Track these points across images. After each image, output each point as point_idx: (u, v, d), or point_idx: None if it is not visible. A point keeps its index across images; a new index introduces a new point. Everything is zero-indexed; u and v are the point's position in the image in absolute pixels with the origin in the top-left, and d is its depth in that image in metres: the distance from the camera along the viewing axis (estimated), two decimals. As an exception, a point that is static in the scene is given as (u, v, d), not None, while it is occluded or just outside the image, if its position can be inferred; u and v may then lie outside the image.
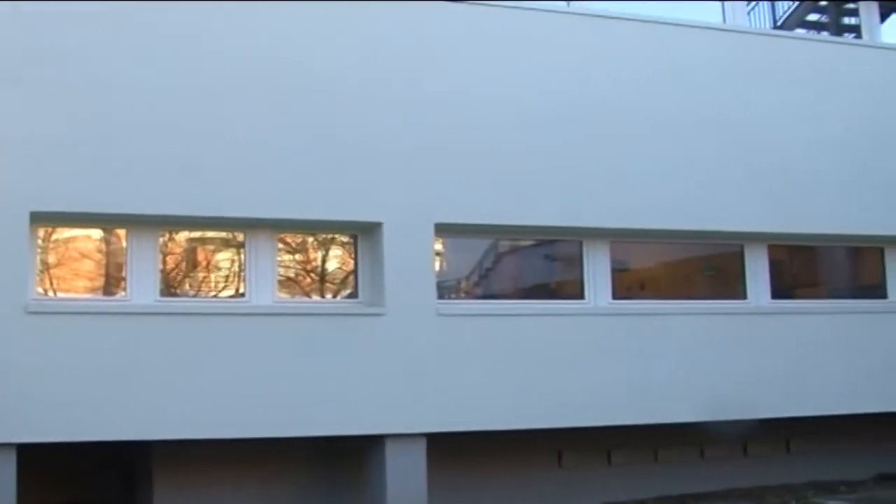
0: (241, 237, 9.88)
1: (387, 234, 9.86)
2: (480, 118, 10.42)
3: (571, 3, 11.64)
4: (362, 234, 10.12)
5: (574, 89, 10.90)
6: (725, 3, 12.38)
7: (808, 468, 12.00)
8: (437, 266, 10.60)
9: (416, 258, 9.94)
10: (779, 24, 13.49)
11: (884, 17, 13.45)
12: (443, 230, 10.30)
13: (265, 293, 9.75)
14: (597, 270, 10.92)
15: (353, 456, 10.05)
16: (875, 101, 12.27)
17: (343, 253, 10.62)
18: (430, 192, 10.09)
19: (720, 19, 12.33)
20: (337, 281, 10.71)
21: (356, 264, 10.20)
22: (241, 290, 9.85)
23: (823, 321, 11.62)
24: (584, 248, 10.94)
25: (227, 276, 10.23)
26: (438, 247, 10.82)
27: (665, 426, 10.77)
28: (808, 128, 11.84)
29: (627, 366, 10.56)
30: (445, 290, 10.91)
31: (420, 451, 9.67)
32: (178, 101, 9.42)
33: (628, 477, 11.20)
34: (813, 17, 14.15)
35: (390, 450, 9.58)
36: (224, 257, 10.32)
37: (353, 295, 10.19)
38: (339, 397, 9.53)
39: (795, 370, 11.30)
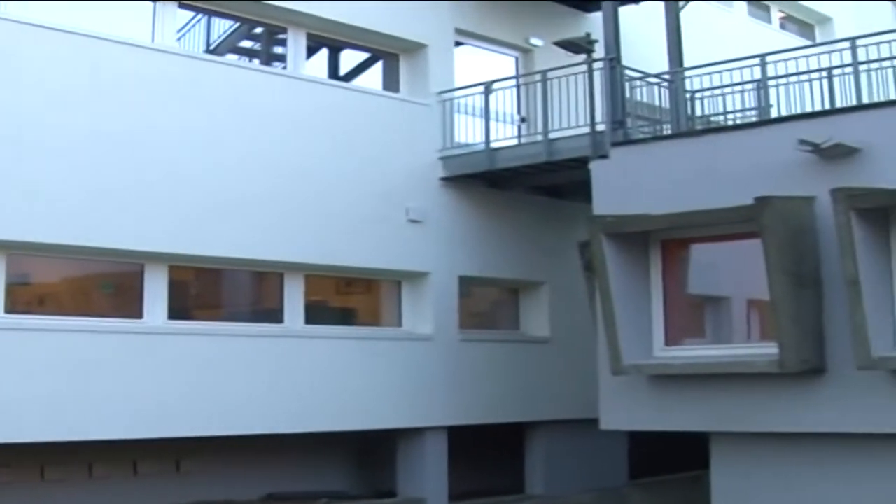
0: None
1: None
2: None
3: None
4: None
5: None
6: (155, 22, 14.89)
7: (198, 488, 14.87)
8: None
9: None
10: (212, 48, 15.88)
11: (312, 50, 16.76)
12: None
13: None
14: (-10, 284, 12.76)
15: None
16: (290, 129, 15.48)
17: None
18: None
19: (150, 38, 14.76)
20: None
21: None
22: None
23: (219, 343, 14.48)
24: (-24, 261, 12.72)
25: None
26: None
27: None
28: (223, 151, 14.70)
29: (34, 384, 12.75)
30: None
31: None
32: None
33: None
34: (247, 43, 16.95)
35: None
36: None
37: None
38: None
39: (190, 390, 13.99)
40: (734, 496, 13.33)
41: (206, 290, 15.95)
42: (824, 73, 15.29)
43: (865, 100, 14.51)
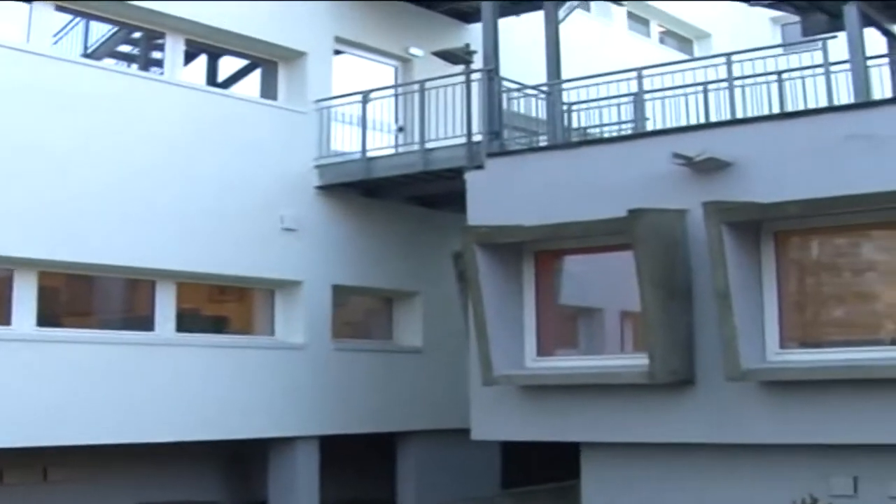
0: None
1: None
2: None
3: None
4: None
5: None
6: (31, 25, 14.70)
7: (67, 497, 14.74)
8: None
9: None
10: (90, 52, 15.72)
11: (191, 56, 16.70)
12: None
13: None
14: None
15: None
16: (166, 135, 15.43)
17: None
18: None
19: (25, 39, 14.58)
20: None
21: None
22: None
23: (89, 350, 14.36)
24: None
25: None
26: None
27: None
28: (96, 156, 14.60)
29: None
30: None
31: None
32: None
33: None
34: (125, 48, 16.75)
35: None
36: None
37: None
38: None
39: (59, 398, 13.84)
40: (604, 505, 13.57)
41: (76, 297, 15.76)
42: (700, 88, 15.67)
43: (739, 115, 14.85)
